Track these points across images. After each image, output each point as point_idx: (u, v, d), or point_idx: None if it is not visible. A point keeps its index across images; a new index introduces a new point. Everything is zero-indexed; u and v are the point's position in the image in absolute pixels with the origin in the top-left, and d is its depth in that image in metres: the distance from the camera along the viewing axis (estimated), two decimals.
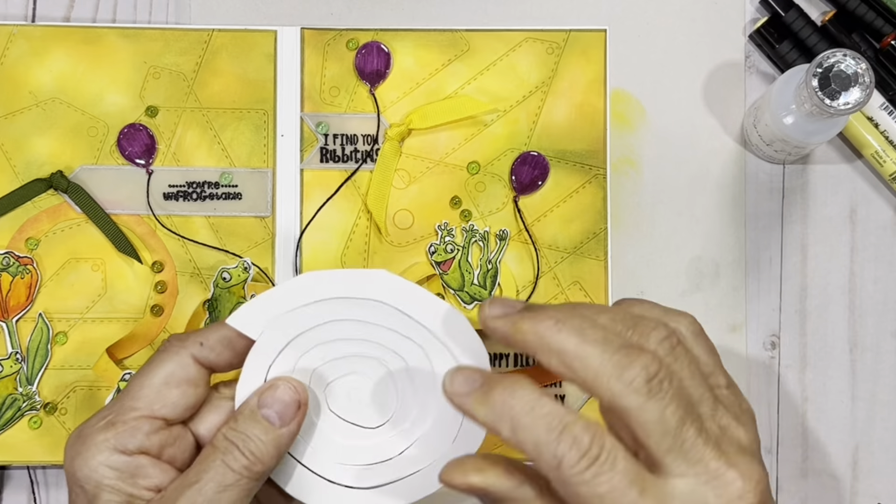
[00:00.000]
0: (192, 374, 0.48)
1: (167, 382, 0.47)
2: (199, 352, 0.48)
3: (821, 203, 0.63)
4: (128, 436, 0.46)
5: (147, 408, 0.47)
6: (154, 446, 0.47)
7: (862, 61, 0.54)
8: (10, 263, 0.60)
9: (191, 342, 0.48)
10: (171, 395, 0.47)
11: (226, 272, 0.60)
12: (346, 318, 0.48)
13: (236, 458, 0.46)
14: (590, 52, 0.62)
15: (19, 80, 0.61)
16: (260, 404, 0.47)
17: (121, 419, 0.47)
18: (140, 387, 0.47)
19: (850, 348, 0.62)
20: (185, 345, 0.48)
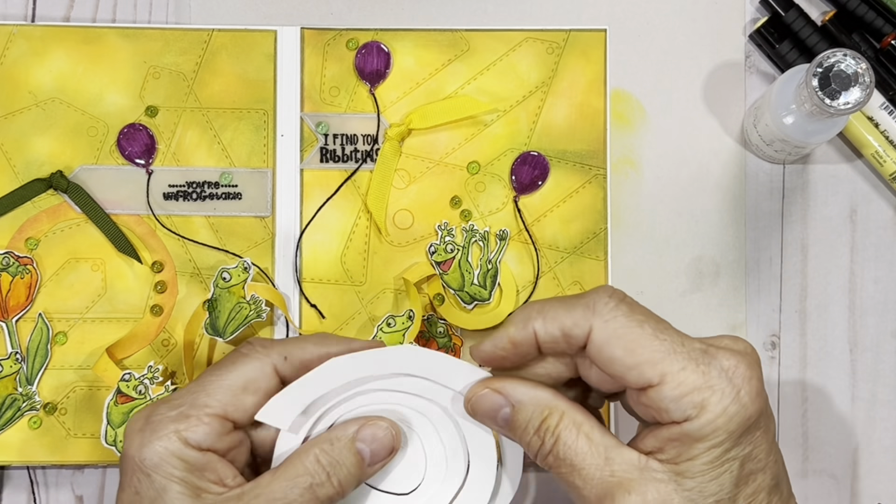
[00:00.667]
0: (270, 385, 0.48)
1: (245, 388, 0.47)
2: (282, 365, 0.48)
3: (821, 203, 0.63)
4: (201, 433, 0.46)
5: (221, 408, 0.46)
6: (223, 447, 0.46)
7: (862, 61, 0.54)
8: (10, 263, 0.60)
9: (276, 353, 0.48)
10: (247, 401, 0.47)
11: (226, 272, 0.60)
12: (371, 390, 0.48)
13: (324, 487, 0.46)
14: (590, 52, 0.62)
15: (19, 80, 0.61)
16: (358, 437, 0.47)
17: (194, 413, 0.46)
18: (218, 386, 0.47)
19: (850, 348, 0.62)
20: (269, 354, 0.48)
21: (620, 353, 0.43)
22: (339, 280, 0.61)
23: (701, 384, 0.42)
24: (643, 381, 0.43)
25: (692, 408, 0.42)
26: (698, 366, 0.42)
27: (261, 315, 0.59)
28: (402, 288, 0.61)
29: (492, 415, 0.46)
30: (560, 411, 0.45)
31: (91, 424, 0.59)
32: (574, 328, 0.44)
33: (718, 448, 0.42)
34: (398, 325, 0.59)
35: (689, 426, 0.42)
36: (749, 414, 0.42)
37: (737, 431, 0.42)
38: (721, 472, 0.42)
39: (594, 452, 0.43)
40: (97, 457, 0.59)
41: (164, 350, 0.60)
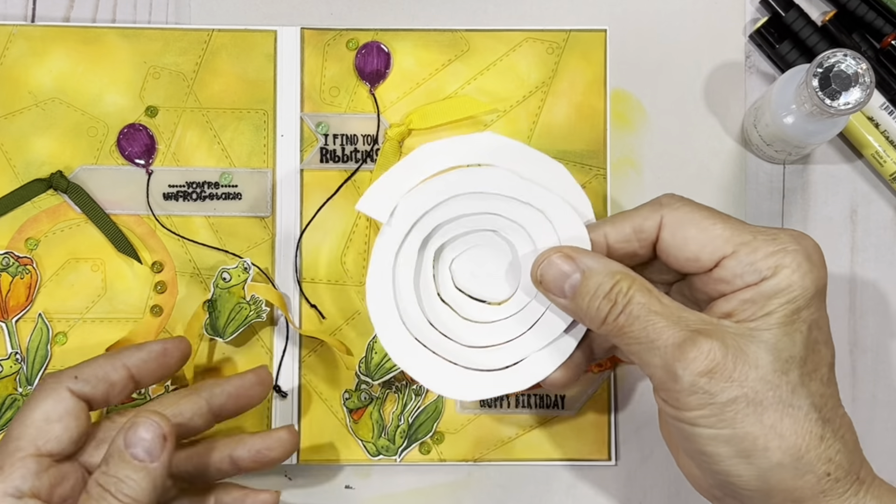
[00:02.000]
0: (70, 407, 0.48)
1: (47, 418, 0.48)
2: (74, 385, 0.49)
3: (821, 203, 0.63)
4: (17, 477, 0.46)
5: (31, 445, 0.47)
6: (44, 487, 0.47)
7: (862, 61, 0.54)
8: (10, 263, 0.60)
9: (65, 377, 0.49)
10: (54, 429, 0.48)
11: (226, 272, 0.60)
12: (463, 193, 0.50)
13: None
14: (590, 52, 0.62)
15: (19, 80, 0.61)
16: (126, 444, 0.47)
17: (7, 461, 0.47)
18: (21, 426, 0.48)
19: (850, 349, 0.62)
20: (59, 379, 0.49)
21: (694, 232, 0.46)
22: (339, 280, 0.61)
23: (775, 248, 0.45)
24: (718, 254, 0.45)
25: (768, 268, 0.45)
26: (767, 235, 0.46)
27: (260, 315, 0.59)
28: None
29: (560, 282, 0.47)
30: (632, 277, 0.46)
31: None
32: (644, 222, 0.47)
33: (792, 304, 0.44)
34: None
35: (766, 284, 0.44)
36: (819, 275, 0.46)
37: (810, 289, 0.45)
38: (793, 329, 0.45)
39: (667, 312, 0.45)
40: None
41: None
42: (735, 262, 0.45)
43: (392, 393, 0.60)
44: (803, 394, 0.44)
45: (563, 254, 0.48)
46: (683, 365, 0.43)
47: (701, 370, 0.43)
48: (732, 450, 0.44)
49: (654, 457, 0.61)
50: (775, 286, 0.44)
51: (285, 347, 0.60)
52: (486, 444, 0.60)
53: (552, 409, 0.60)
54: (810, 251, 0.46)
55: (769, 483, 0.44)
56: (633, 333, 0.45)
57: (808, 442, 0.44)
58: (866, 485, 0.45)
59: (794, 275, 0.45)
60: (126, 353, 0.52)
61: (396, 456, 0.60)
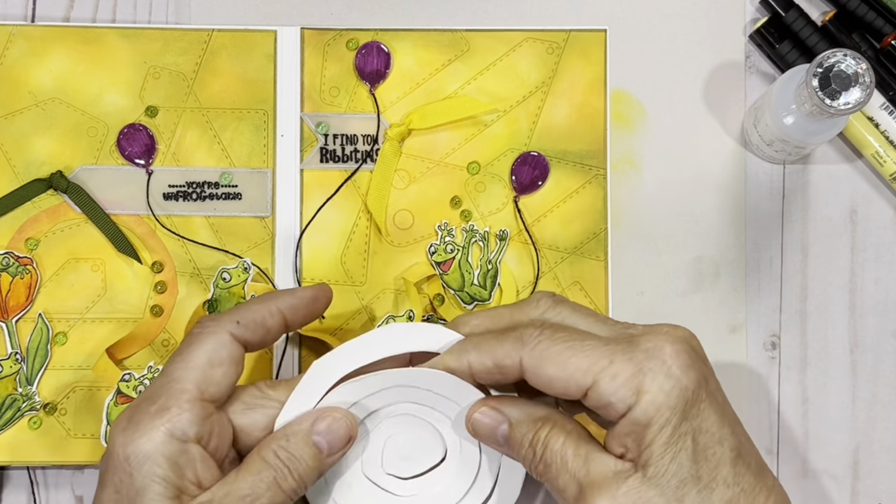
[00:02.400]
0: (233, 352, 0.48)
1: (211, 362, 0.48)
2: (236, 329, 0.49)
3: (821, 203, 0.63)
4: (185, 421, 0.46)
5: (196, 390, 0.47)
6: (206, 434, 0.47)
7: (862, 61, 0.54)
8: (10, 264, 0.60)
9: (226, 320, 0.49)
10: (216, 374, 0.48)
11: (226, 272, 0.60)
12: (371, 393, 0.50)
13: (287, 480, 0.47)
14: (590, 52, 0.62)
15: (19, 80, 0.61)
16: (314, 430, 0.48)
17: (174, 403, 0.46)
18: (185, 368, 0.47)
19: (850, 349, 0.62)
20: (220, 323, 0.49)
21: (553, 370, 0.45)
22: (339, 280, 0.61)
23: (632, 371, 0.44)
24: (581, 388, 0.45)
25: (631, 394, 0.44)
26: (625, 355, 0.45)
27: None
28: (402, 288, 0.61)
29: (492, 433, 0.48)
30: (551, 422, 0.47)
31: (91, 425, 0.59)
32: (505, 359, 0.47)
33: (668, 426, 0.44)
34: None
35: (633, 413, 0.44)
36: (684, 385, 0.44)
37: (678, 405, 0.44)
38: (677, 450, 0.44)
39: (577, 457, 0.45)
40: (97, 457, 0.59)
41: (164, 350, 0.60)
42: (597, 394, 0.44)
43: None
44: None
45: (490, 406, 0.48)
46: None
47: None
48: None
49: None
50: (644, 413, 0.44)
51: (285, 347, 0.60)
52: None
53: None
54: (670, 362, 0.44)
55: None
56: (549, 481, 0.46)
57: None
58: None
59: (657, 397, 0.44)
60: (280, 298, 0.52)
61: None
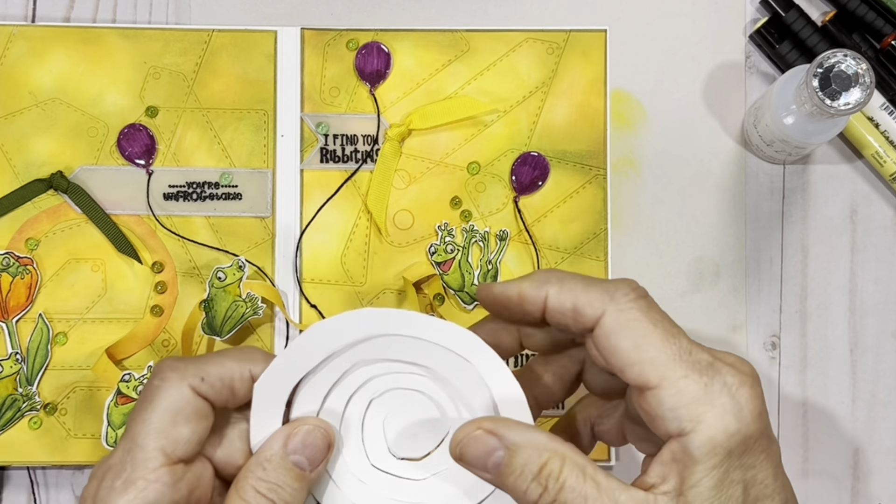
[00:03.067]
0: (198, 408, 0.43)
1: (174, 420, 0.43)
2: (200, 385, 0.44)
3: (821, 203, 0.63)
4: (154, 493, 0.42)
5: (162, 454, 0.42)
6: (184, 492, 0.43)
7: (862, 61, 0.54)
8: (10, 264, 0.60)
9: (191, 374, 0.44)
10: (183, 433, 0.43)
11: (220, 271, 0.60)
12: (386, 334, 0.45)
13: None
14: (590, 52, 0.62)
15: (19, 80, 0.61)
16: (289, 450, 0.44)
17: (140, 475, 0.42)
18: (147, 431, 0.43)
19: (850, 349, 0.62)
20: (183, 375, 0.44)
21: (626, 346, 0.41)
22: (340, 280, 0.61)
23: (701, 396, 0.40)
24: (642, 380, 0.41)
25: (689, 420, 0.40)
26: (701, 377, 0.41)
27: (257, 312, 0.59)
28: (403, 288, 0.61)
29: (483, 459, 0.42)
30: (562, 454, 0.41)
31: (91, 425, 0.59)
32: (587, 307, 0.42)
33: (719, 469, 0.40)
34: None
35: (687, 441, 0.40)
36: (750, 432, 0.41)
37: (737, 450, 0.40)
38: (726, 497, 0.40)
39: (602, 497, 0.41)
40: (97, 457, 0.59)
41: (164, 350, 0.60)
42: (657, 399, 0.41)
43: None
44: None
45: (486, 429, 0.42)
46: None
47: None
48: None
49: None
50: (698, 448, 0.40)
51: (285, 347, 0.60)
52: None
53: (552, 409, 0.60)
54: (742, 404, 0.41)
55: None
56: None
57: None
58: None
59: (718, 436, 0.40)
60: (255, 360, 0.45)
61: None
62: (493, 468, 0.42)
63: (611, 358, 0.42)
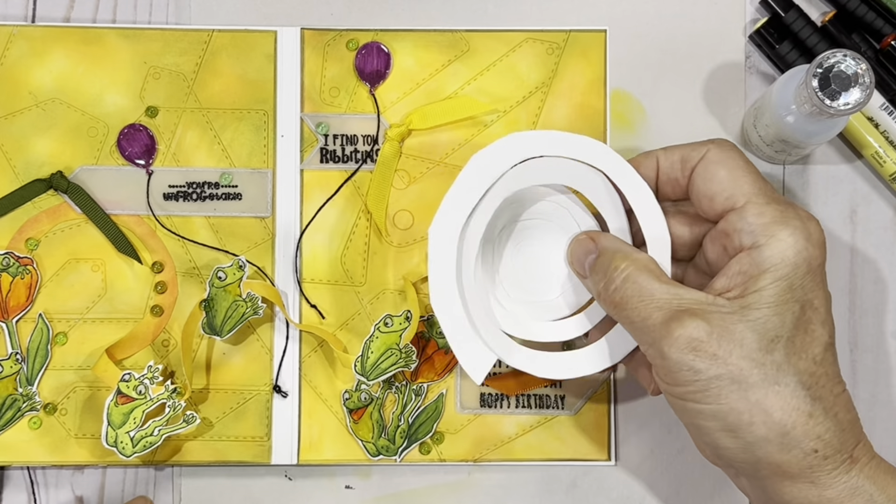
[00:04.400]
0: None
1: None
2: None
3: (821, 203, 0.63)
4: None
5: None
6: None
7: (862, 62, 0.54)
8: (10, 264, 0.60)
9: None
10: None
11: (221, 271, 0.60)
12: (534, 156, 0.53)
13: None
14: (590, 52, 0.62)
15: (19, 80, 0.61)
16: None
17: None
18: None
19: (850, 349, 0.62)
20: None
21: (724, 174, 0.49)
22: (339, 280, 0.61)
23: (778, 218, 0.47)
24: (730, 203, 0.48)
25: (765, 235, 0.46)
26: (781, 205, 0.47)
27: (257, 312, 0.59)
28: (402, 288, 0.61)
29: (582, 259, 0.52)
30: (633, 257, 0.49)
31: (91, 425, 0.59)
32: (692, 152, 0.50)
33: (784, 281, 0.46)
34: (395, 325, 0.59)
35: (759, 254, 0.46)
36: (814, 254, 0.46)
37: (802, 267, 0.46)
38: (784, 309, 0.46)
39: (662, 289, 0.47)
40: (97, 457, 0.59)
41: (164, 350, 0.60)
42: (739, 217, 0.47)
43: (392, 393, 0.60)
44: (790, 371, 0.45)
45: (588, 235, 0.53)
46: (669, 342, 0.46)
47: (685, 347, 0.45)
48: (719, 424, 0.46)
49: (654, 456, 0.61)
50: (767, 258, 0.46)
51: (285, 347, 0.60)
52: (486, 444, 0.60)
53: (552, 409, 0.60)
54: (811, 231, 0.47)
55: (756, 455, 0.46)
56: (626, 312, 0.48)
57: (794, 419, 0.45)
58: (860, 463, 0.47)
59: (787, 250, 0.46)
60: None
61: (396, 456, 0.60)
62: (588, 268, 0.51)
63: (704, 186, 0.49)
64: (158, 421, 0.58)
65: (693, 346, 0.45)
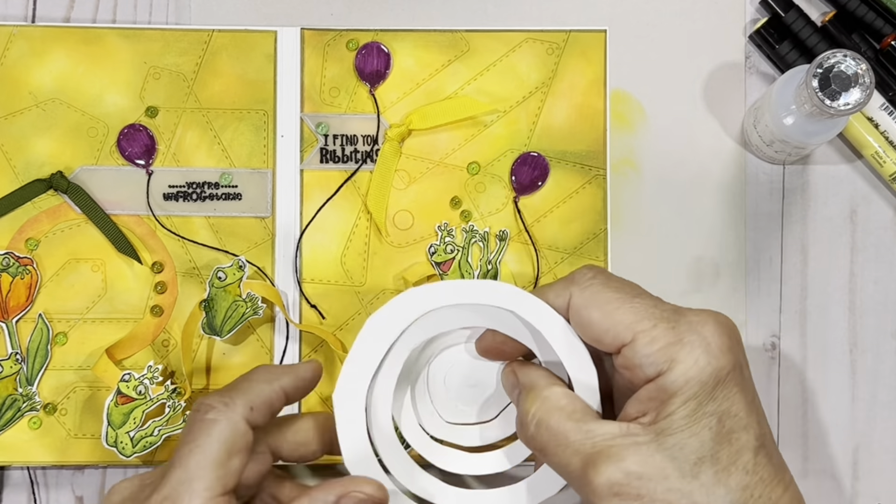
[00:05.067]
0: (249, 440, 0.46)
1: (229, 452, 0.45)
2: (250, 416, 0.47)
3: (821, 203, 0.63)
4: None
5: (219, 485, 0.44)
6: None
7: (862, 62, 0.54)
8: (10, 264, 0.60)
9: (240, 405, 0.46)
10: (234, 465, 0.45)
11: (220, 271, 0.60)
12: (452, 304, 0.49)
13: None
14: (590, 52, 0.62)
15: (19, 80, 0.61)
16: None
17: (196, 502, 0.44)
18: (203, 463, 0.45)
19: (850, 349, 0.62)
20: (235, 409, 0.46)
21: (597, 316, 0.45)
22: (339, 281, 0.61)
23: (672, 339, 0.44)
24: (618, 341, 0.45)
25: (664, 361, 0.43)
26: (668, 322, 0.44)
27: (257, 312, 0.59)
28: (402, 288, 0.61)
29: (511, 392, 0.49)
30: (542, 396, 0.46)
31: (91, 425, 0.59)
32: (556, 300, 0.47)
33: (693, 401, 0.43)
34: None
35: (663, 380, 0.43)
36: (720, 365, 0.43)
37: (709, 383, 0.43)
38: (700, 427, 0.43)
39: (574, 430, 0.44)
40: (97, 457, 0.59)
41: (164, 350, 0.60)
42: (632, 352, 0.44)
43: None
44: (720, 493, 0.42)
45: (511, 368, 0.49)
46: (591, 491, 0.43)
47: (607, 494, 0.42)
48: None
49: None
50: (673, 382, 0.43)
51: (285, 347, 0.60)
52: None
53: None
54: (710, 341, 0.44)
55: None
56: (547, 458, 0.45)
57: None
58: None
59: (690, 370, 0.43)
60: (282, 377, 0.49)
61: None
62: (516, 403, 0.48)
63: (588, 331, 0.46)
64: (158, 421, 0.58)
65: (615, 492, 0.42)
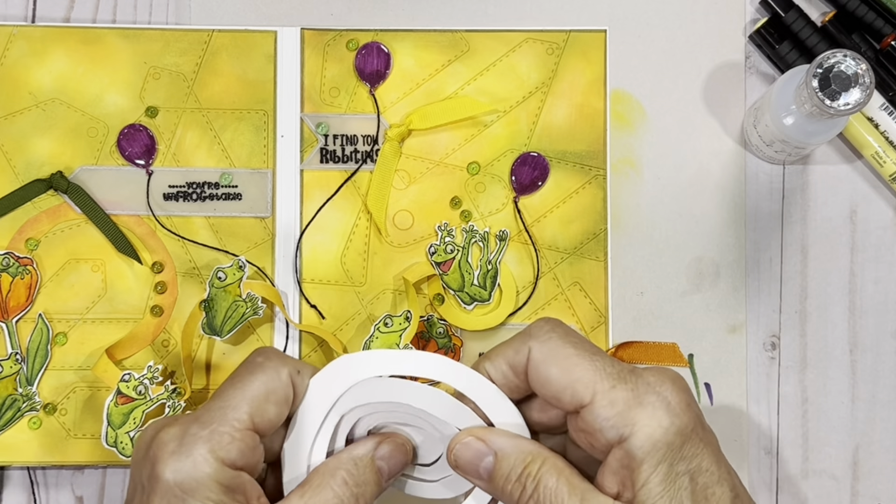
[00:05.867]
0: (288, 394, 0.47)
1: (268, 398, 0.46)
2: (295, 377, 0.48)
3: (821, 203, 0.63)
4: (236, 450, 0.45)
5: (249, 420, 0.46)
6: (253, 462, 0.46)
7: (862, 62, 0.54)
8: (10, 264, 0.60)
9: (290, 363, 0.48)
10: (270, 411, 0.46)
11: (221, 271, 0.60)
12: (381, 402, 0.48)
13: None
14: (590, 52, 0.62)
15: (19, 80, 0.61)
16: (378, 455, 0.48)
17: (226, 430, 0.45)
18: (241, 398, 0.46)
19: (850, 349, 0.62)
20: (284, 362, 0.48)
21: (556, 372, 0.45)
22: (339, 280, 0.61)
23: (631, 401, 0.43)
24: (577, 401, 0.44)
25: (625, 425, 0.43)
26: (626, 383, 0.44)
27: (257, 312, 0.59)
28: (402, 288, 0.61)
29: (475, 464, 0.46)
30: (542, 457, 0.45)
31: (91, 425, 0.59)
32: (515, 356, 0.46)
33: (664, 464, 0.42)
34: (395, 325, 0.59)
35: (629, 445, 0.43)
36: (683, 423, 0.43)
37: (675, 443, 0.43)
38: (675, 489, 0.43)
39: (573, 496, 0.44)
40: (97, 457, 0.59)
41: (163, 350, 0.60)
42: (592, 415, 0.44)
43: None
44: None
45: (476, 436, 0.47)
46: None
47: None
48: None
49: None
50: (639, 449, 0.43)
51: (285, 347, 0.60)
52: None
53: None
54: (670, 400, 0.44)
55: None
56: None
57: None
58: None
59: (654, 433, 0.43)
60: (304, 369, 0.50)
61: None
62: (484, 473, 0.46)
63: (546, 388, 0.45)
64: None
65: None
